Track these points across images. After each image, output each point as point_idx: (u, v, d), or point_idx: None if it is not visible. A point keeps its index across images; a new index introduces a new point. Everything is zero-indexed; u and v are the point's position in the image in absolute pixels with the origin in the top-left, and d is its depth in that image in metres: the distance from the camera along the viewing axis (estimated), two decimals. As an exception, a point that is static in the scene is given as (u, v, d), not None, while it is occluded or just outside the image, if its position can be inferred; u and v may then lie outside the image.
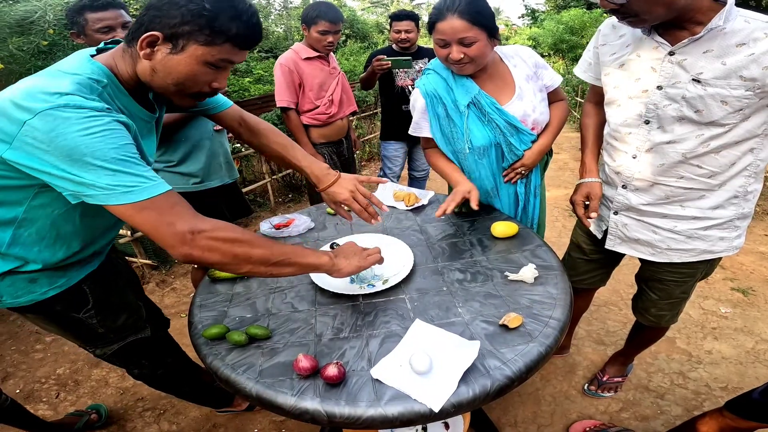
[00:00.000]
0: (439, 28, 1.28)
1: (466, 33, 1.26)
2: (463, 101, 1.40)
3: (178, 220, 0.82)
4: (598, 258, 1.53)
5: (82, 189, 0.80)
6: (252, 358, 0.96)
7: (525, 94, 1.43)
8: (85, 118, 0.79)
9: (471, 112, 1.41)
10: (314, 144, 2.49)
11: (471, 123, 1.42)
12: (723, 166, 1.12)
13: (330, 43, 2.32)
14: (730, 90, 1.00)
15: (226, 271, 0.89)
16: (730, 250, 1.23)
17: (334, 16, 2.26)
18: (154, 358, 1.39)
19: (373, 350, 0.95)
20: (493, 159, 1.48)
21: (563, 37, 6.84)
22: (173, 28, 0.85)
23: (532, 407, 1.77)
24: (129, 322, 1.28)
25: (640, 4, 0.96)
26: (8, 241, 0.99)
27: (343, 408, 0.82)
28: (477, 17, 1.25)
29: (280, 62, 2.33)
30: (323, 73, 2.40)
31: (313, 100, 2.38)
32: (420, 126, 1.53)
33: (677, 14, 0.99)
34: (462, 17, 1.24)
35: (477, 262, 1.24)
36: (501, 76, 1.45)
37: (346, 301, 1.13)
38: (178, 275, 2.96)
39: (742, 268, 2.65)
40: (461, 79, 1.41)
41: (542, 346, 0.92)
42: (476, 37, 1.27)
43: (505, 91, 1.44)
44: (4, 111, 0.80)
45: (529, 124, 1.45)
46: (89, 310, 1.17)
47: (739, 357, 1.98)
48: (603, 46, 1.25)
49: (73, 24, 1.58)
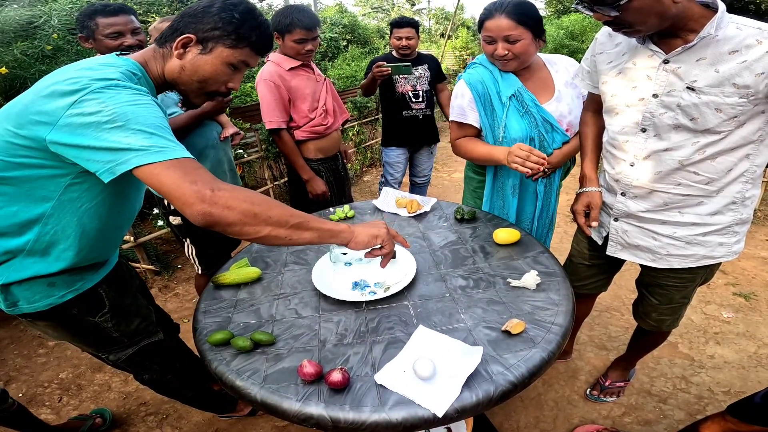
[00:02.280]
0: (487, 26, 1.41)
1: (512, 31, 1.37)
2: (507, 92, 1.48)
3: (199, 179, 0.87)
4: (600, 264, 1.54)
5: (118, 156, 0.84)
6: (256, 363, 0.97)
7: (563, 97, 1.51)
8: (132, 93, 0.89)
9: (512, 104, 1.49)
10: (310, 161, 2.24)
11: (510, 114, 1.49)
12: (719, 173, 1.12)
13: (309, 51, 2.04)
14: (724, 97, 1.01)
15: (245, 235, 0.89)
16: (730, 255, 1.24)
17: (309, 22, 1.97)
18: (165, 363, 1.40)
19: (376, 356, 0.96)
20: None
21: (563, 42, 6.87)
22: (206, 32, 1.01)
23: (535, 412, 1.77)
24: (142, 326, 1.29)
25: (634, 15, 0.97)
26: (33, 238, 1.01)
27: (348, 413, 0.83)
28: (523, 17, 1.37)
29: (263, 78, 2.02)
30: (311, 81, 2.15)
31: (308, 113, 2.15)
32: (465, 113, 1.57)
33: (671, 23, 1.01)
34: (509, 17, 1.36)
35: (479, 269, 1.25)
36: (542, 79, 1.53)
37: (350, 307, 1.14)
38: (181, 281, 2.97)
39: (744, 273, 2.66)
40: (506, 74, 1.51)
41: (545, 351, 0.93)
42: (521, 36, 1.38)
43: (545, 91, 1.52)
44: (51, 94, 0.87)
45: (564, 125, 1.51)
46: (105, 313, 1.18)
47: (741, 361, 1.98)
48: (600, 54, 1.26)
49: (83, 28, 1.60)
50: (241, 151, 3.63)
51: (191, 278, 2.96)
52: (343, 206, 1.72)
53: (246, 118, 4.19)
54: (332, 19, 10.27)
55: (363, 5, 24.50)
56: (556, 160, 1.53)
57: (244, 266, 1.32)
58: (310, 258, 1.39)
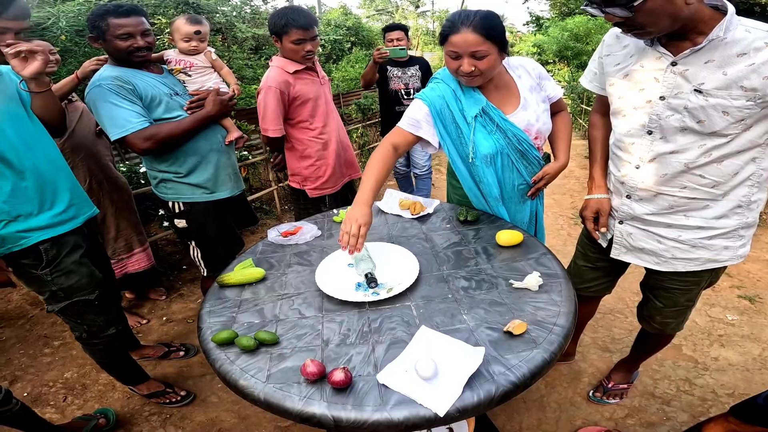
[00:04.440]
0: (452, 41, 1.30)
1: (479, 47, 1.28)
2: (471, 112, 1.42)
3: None
4: (604, 266, 1.53)
5: None
6: (260, 362, 0.97)
7: (529, 105, 1.46)
8: None
9: (477, 122, 1.43)
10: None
11: (478, 132, 1.44)
12: (726, 176, 1.12)
13: (309, 51, 1.96)
14: (731, 100, 1.01)
15: None
16: (735, 259, 1.24)
17: (305, 21, 1.89)
18: (97, 323, 1.63)
19: (379, 356, 0.96)
20: (499, 166, 1.50)
21: (568, 44, 6.86)
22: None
23: (537, 414, 1.77)
24: (80, 283, 1.53)
25: (646, 16, 0.97)
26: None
27: (350, 412, 0.83)
28: (490, 32, 1.27)
29: (269, 85, 1.93)
30: (315, 85, 2.07)
31: (308, 118, 2.07)
32: (420, 126, 1.48)
33: (681, 25, 1.00)
34: (476, 31, 1.26)
35: (482, 270, 1.25)
36: (506, 86, 1.47)
37: (353, 308, 1.14)
38: (186, 281, 2.99)
39: (748, 276, 2.64)
40: (469, 90, 1.44)
41: (546, 352, 0.93)
42: (488, 51, 1.29)
43: (510, 101, 1.46)
44: None
45: (532, 134, 1.47)
46: (44, 267, 1.45)
47: (745, 364, 1.97)
48: (607, 56, 1.26)
49: (93, 27, 1.61)
50: (246, 152, 3.65)
51: (196, 279, 2.98)
52: (347, 207, 1.73)
53: (251, 121, 4.22)
54: (336, 21, 10.31)
55: (367, 8, 24.57)
56: (552, 170, 1.50)
57: (249, 267, 1.33)
58: (314, 259, 1.40)
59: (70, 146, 2.10)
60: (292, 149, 2.16)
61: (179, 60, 1.81)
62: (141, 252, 2.47)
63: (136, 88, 1.63)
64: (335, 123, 2.21)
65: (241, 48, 7.20)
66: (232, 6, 7.82)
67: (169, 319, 2.58)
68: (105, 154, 2.31)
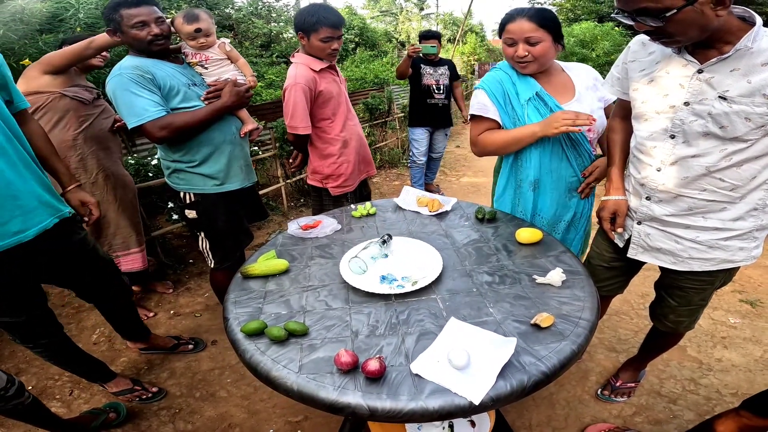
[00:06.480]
0: (509, 28, 1.45)
1: (533, 33, 1.42)
2: (525, 95, 1.51)
3: None
4: (619, 266, 1.56)
5: None
6: (291, 353, 0.98)
7: (584, 99, 1.53)
8: None
9: (530, 105, 1.52)
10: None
11: (531, 114, 1.51)
12: (744, 180, 1.15)
13: (335, 50, 2.00)
14: (754, 107, 1.04)
15: None
16: (749, 259, 1.27)
17: (336, 20, 1.94)
18: (28, 335, 1.55)
19: (409, 347, 0.98)
20: (548, 151, 1.54)
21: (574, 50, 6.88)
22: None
23: (547, 411, 1.79)
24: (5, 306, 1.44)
25: (676, 26, 1.00)
26: None
27: (385, 402, 0.84)
28: (544, 21, 1.42)
29: (297, 82, 1.93)
30: (336, 84, 2.11)
31: (330, 116, 2.11)
32: (487, 108, 1.58)
33: (708, 34, 1.03)
34: (531, 20, 1.41)
35: (504, 266, 1.27)
36: (562, 82, 1.56)
37: (379, 300, 1.16)
38: (193, 275, 2.98)
39: (750, 281, 2.69)
40: (524, 77, 1.54)
41: (574, 344, 0.95)
42: (541, 38, 1.42)
43: (565, 94, 1.54)
44: None
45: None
46: None
47: (748, 365, 2.01)
48: (632, 62, 1.29)
49: (109, 21, 1.63)
50: (256, 148, 3.65)
51: (203, 273, 2.98)
52: (365, 203, 1.75)
53: (260, 117, 4.21)
54: (340, 22, 10.32)
55: (371, 8, 24.57)
56: (603, 164, 1.53)
57: (272, 258, 1.34)
58: (336, 252, 1.41)
59: (83, 138, 2.10)
60: (313, 147, 2.17)
61: (195, 54, 1.81)
62: (138, 252, 2.43)
63: (156, 78, 1.64)
64: (354, 121, 2.24)
65: (252, 44, 7.18)
66: (248, 2, 7.78)
67: (176, 313, 2.58)
68: (115, 150, 2.32)
